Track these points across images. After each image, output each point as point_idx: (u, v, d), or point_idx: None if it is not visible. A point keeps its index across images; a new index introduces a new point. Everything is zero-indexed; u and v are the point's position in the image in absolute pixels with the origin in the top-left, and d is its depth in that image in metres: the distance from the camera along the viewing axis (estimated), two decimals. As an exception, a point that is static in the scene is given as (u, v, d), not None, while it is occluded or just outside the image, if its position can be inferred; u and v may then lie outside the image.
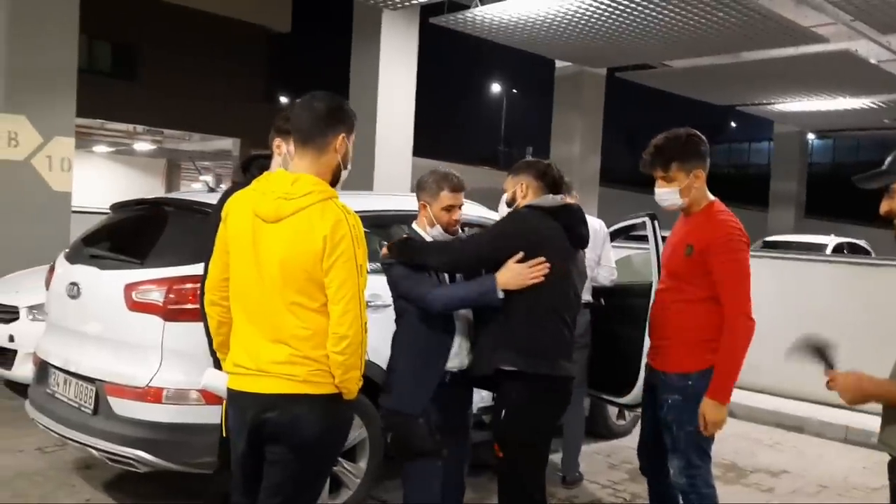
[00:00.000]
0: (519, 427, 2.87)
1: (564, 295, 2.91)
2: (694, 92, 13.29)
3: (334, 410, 2.22)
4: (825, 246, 12.42)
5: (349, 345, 2.16)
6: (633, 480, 4.54)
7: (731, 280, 2.87)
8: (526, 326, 2.83)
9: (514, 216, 2.96)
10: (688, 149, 2.95)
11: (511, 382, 2.86)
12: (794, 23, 8.43)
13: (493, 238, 2.95)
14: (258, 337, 2.19)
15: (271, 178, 2.24)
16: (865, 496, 4.51)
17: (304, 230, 2.13)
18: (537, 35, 9.55)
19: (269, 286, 2.16)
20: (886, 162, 2.17)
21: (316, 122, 2.20)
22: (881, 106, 12.48)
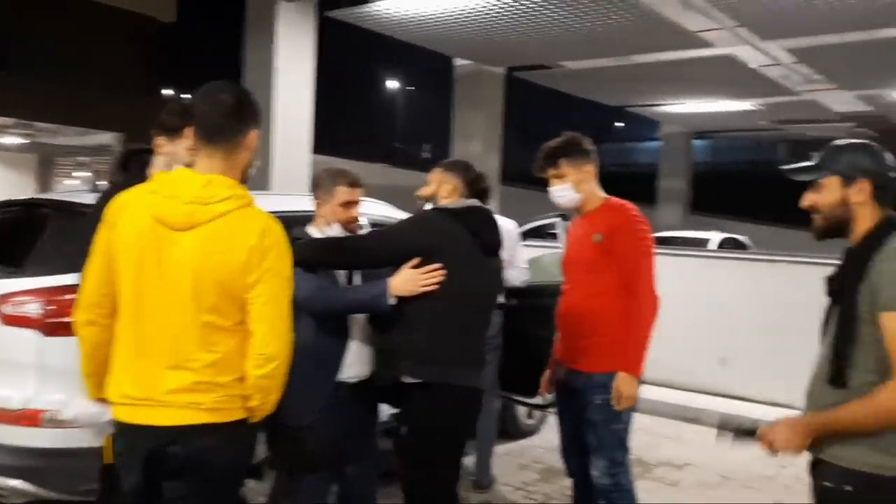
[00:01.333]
0: (422, 444, 2.71)
1: (470, 302, 2.77)
2: (587, 92, 13.62)
3: (241, 436, 2.03)
4: (709, 241, 13.05)
5: (276, 367, 1.97)
6: (545, 481, 4.54)
7: (636, 258, 3.00)
8: (427, 335, 2.68)
9: (417, 217, 2.85)
10: (573, 146, 3.12)
11: (412, 395, 2.72)
12: (682, 27, 8.73)
13: (390, 237, 2.82)
14: (153, 363, 1.93)
15: (175, 179, 1.98)
16: (763, 485, 4.69)
17: (223, 240, 1.91)
18: (436, 32, 9.48)
19: (174, 303, 1.91)
20: (818, 157, 2.19)
21: (224, 118, 1.98)
22: (760, 109, 13.20)
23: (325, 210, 2.87)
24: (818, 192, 2.17)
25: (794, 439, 2.06)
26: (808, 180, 2.21)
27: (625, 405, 2.95)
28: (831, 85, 11.04)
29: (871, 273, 2.00)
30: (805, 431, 2.06)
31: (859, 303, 2.01)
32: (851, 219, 2.12)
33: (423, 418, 2.71)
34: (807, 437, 2.04)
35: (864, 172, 2.10)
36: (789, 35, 8.70)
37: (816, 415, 2.03)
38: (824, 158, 2.18)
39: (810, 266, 5.94)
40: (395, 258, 2.71)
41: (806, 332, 3.05)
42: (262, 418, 2.07)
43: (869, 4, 7.19)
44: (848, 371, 2.04)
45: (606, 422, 3.03)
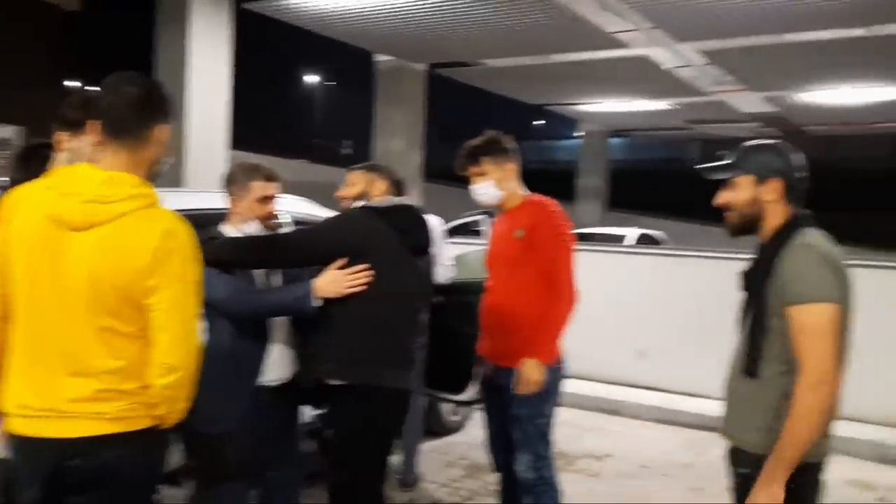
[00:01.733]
0: (350, 447, 2.66)
1: (398, 302, 2.73)
2: (508, 90, 13.77)
3: (151, 445, 1.92)
4: (625, 237, 13.42)
5: (180, 377, 1.85)
6: (470, 477, 4.55)
7: (555, 252, 3.04)
8: (351, 336, 2.63)
9: (344, 216, 2.80)
10: (494, 145, 3.15)
11: (337, 397, 2.67)
12: (599, 28, 8.92)
13: (316, 236, 2.74)
14: (51, 370, 1.81)
15: (73, 175, 1.85)
16: (679, 472, 4.84)
17: (124, 241, 1.79)
18: (356, 27, 9.37)
19: (70, 307, 1.79)
20: (732, 156, 2.26)
21: (131, 111, 1.86)
22: (673, 108, 13.63)
23: (241, 206, 2.77)
24: (732, 190, 2.25)
25: (777, 494, 2.03)
26: (723, 179, 2.28)
27: (525, 390, 2.96)
28: (740, 86, 11.51)
29: (779, 269, 2.08)
30: (778, 483, 2.03)
31: (770, 297, 2.09)
32: (763, 216, 2.20)
33: (351, 421, 2.66)
34: (781, 485, 2.02)
35: (775, 172, 2.18)
36: (701, 37, 9.01)
37: (774, 463, 2.03)
38: (738, 158, 2.25)
39: (724, 261, 6.17)
40: (321, 257, 2.64)
41: (720, 324, 3.17)
42: (171, 426, 1.97)
43: (775, 10, 7.53)
44: (760, 362, 2.12)
45: (530, 417, 3.07)
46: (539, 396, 3.06)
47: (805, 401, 2.00)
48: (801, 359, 2.02)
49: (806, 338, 2.00)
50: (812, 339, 2.00)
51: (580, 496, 4.25)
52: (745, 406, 2.17)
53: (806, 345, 2.00)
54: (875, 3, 7.15)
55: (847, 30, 8.27)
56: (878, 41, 8.49)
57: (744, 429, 2.17)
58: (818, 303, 2.00)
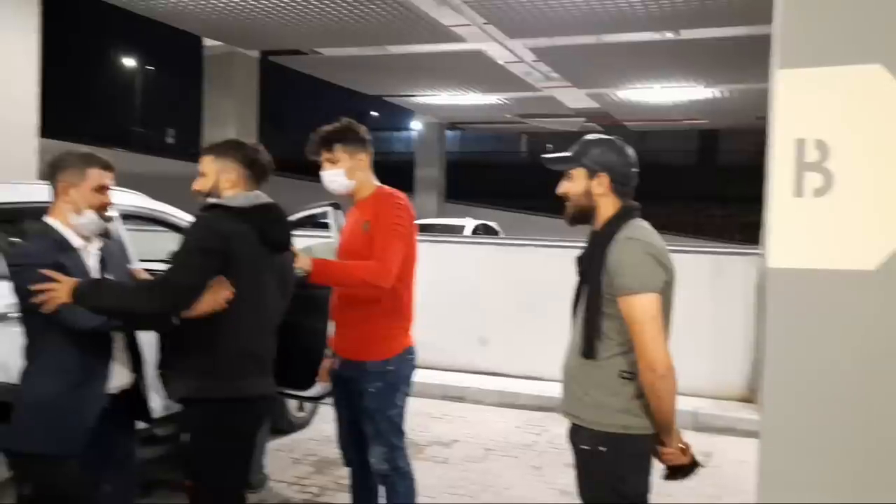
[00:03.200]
0: (211, 455, 2.55)
1: (259, 308, 2.62)
2: (344, 80, 13.64)
3: None
4: (464, 227, 13.78)
5: None
6: (319, 472, 4.50)
7: (386, 237, 2.96)
8: (212, 351, 2.51)
9: (200, 226, 2.57)
10: (349, 133, 3.10)
11: (196, 408, 2.54)
12: (435, 21, 9.06)
13: (190, 266, 2.47)
14: None
15: None
16: (520, 453, 5.05)
17: None
18: (182, 8, 8.88)
19: None
20: (572, 149, 2.37)
21: None
22: (506, 102, 14.15)
23: (75, 196, 2.53)
24: (569, 181, 2.37)
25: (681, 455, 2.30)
26: (562, 170, 2.40)
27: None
28: (566, 83, 12.15)
29: (607, 260, 2.23)
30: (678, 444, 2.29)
31: (602, 283, 2.23)
32: (595, 207, 2.34)
33: (213, 430, 2.53)
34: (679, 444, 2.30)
35: (604, 167, 2.32)
36: (532, 35, 9.41)
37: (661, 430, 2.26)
38: (576, 152, 2.38)
39: (556, 249, 6.51)
40: (208, 281, 2.46)
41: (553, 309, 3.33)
42: None
43: (597, 11, 8.01)
44: (597, 344, 2.26)
45: (381, 409, 3.06)
46: (389, 388, 3.07)
47: (652, 385, 2.17)
48: (636, 347, 2.18)
49: (636, 327, 2.17)
50: (642, 327, 2.16)
51: (431, 483, 4.32)
52: (583, 386, 2.30)
53: (637, 334, 2.17)
54: (684, 10, 7.81)
55: (659, 33, 8.99)
56: (686, 45, 9.31)
57: (581, 406, 2.31)
58: (641, 293, 2.16)
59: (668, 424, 2.23)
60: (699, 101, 13.16)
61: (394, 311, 3.08)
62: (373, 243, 2.97)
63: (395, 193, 3.12)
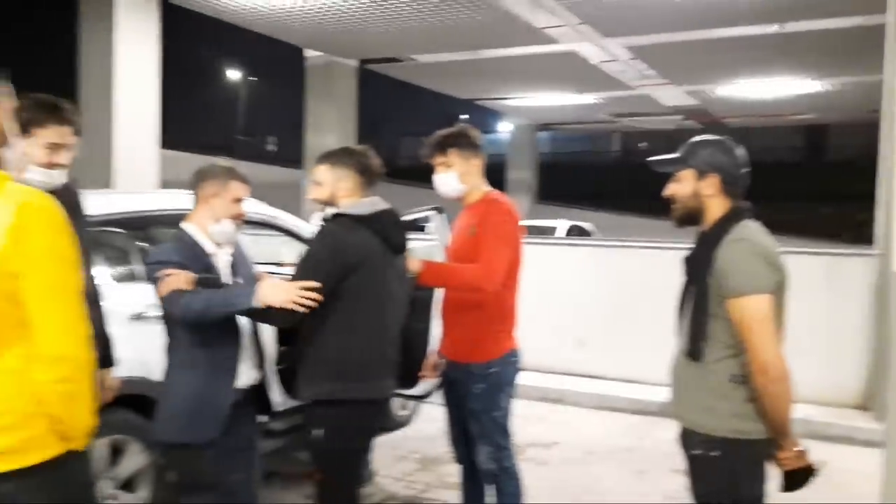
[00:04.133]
0: (335, 451, 2.68)
1: (385, 311, 2.72)
2: (437, 85, 13.83)
3: (64, 476, 1.62)
4: (556, 229, 13.71)
5: (71, 368, 1.59)
6: (424, 469, 4.61)
7: (492, 241, 2.99)
8: (339, 351, 2.62)
9: (326, 235, 2.66)
10: (463, 138, 3.15)
11: (322, 409, 2.66)
12: (529, 24, 9.07)
13: (318, 267, 2.57)
14: None
15: None
16: (624, 457, 5.01)
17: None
18: (286, 22, 9.25)
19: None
20: (680, 151, 2.37)
21: None
22: (599, 102, 13.97)
23: (216, 204, 2.69)
24: (677, 183, 2.37)
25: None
26: (669, 172, 2.40)
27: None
28: (663, 80, 11.90)
29: (717, 261, 2.20)
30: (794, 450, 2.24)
31: (710, 286, 2.22)
32: (704, 209, 2.32)
33: (338, 428, 2.65)
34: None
35: (714, 168, 2.31)
36: (627, 33, 9.28)
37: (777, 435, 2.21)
38: (684, 153, 2.37)
39: (654, 251, 6.41)
40: (329, 289, 2.55)
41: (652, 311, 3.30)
42: (84, 443, 1.68)
43: (697, 7, 7.83)
44: (704, 346, 2.25)
45: (486, 410, 3.13)
46: (493, 389, 3.13)
47: (765, 389, 2.14)
48: (748, 350, 2.15)
49: (747, 329, 2.14)
50: (753, 329, 2.13)
51: (532, 484, 4.34)
52: (691, 388, 2.29)
53: (748, 336, 2.14)
54: (789, 2, 7.53)
55: (763, 26, 8.68)
56: (790, 37, 8.95)
57: (691, 410, 2.29)
58: (753, 295, 2.14)
59: (783, 429, 2.19)
60: (806, 95, 12.59)
61: (498, 315, 3.14)
62: (479, 247, 3.03)
63: (503, 199, 3.18)
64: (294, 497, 4.10)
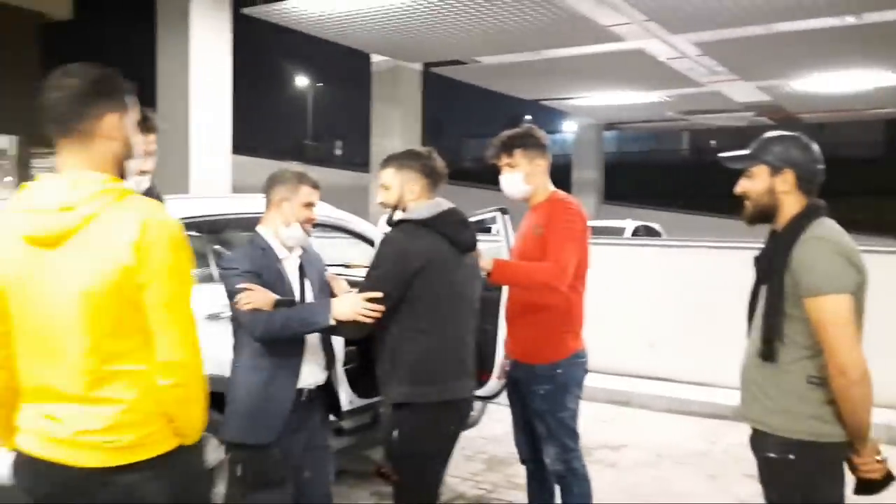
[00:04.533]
0: (410, 451, 2.68)
1: (458, 312, 2.72)
2: (501, 87, 13.83)
3: (178, 469, 1.75)
4: (624, 229, 13.51)
5: (188, 375, 1.71)
6: (491, 470, 4.63)
7: (560, 240, 3.00)
8: (413, 354, 2.62)
9: (393, 242, 2.67)
10: (529, 138, 3.14)
11: (402, 412, 2.66)
12: (594, 22, 8.99)
13: (384, 282, 2.60)
14: (60, 397, 1.67)
15: (38, 186, 1.69)
16: (697, 461, 4.91)
17: (103, 243, 1.62)
18: (352, 29, 9.42)
19: (68, 329, 1.64)
20: (752, 147, 2.33)
21: (71, 104, 1.67)
22: (667, 100, 13.71)
23: (287, 209, 2.76)
24: (749, 180, 2.32)
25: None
26: (741, 168, 2.35)
27: None
28: (733, 76, 11.60)
29: (794, 259, 2.14)
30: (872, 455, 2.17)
31: (786, 284, 2.16)
32: (778, 206, 2.27)
33: (424, 432, 2.66)
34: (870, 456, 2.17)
35: (790, 163, 2.25)
36: (695, 29, 9.09)
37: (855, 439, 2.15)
38: (757, 148, 2.32)
39: (727, 250, 6.26)
40: (398, 297, 2.60)
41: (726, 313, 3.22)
42: (197, 436, 1.81)
43: (766, 1, 7.61)
44: (779, 347, 2.19)
45: (551, 411, 3.12)
46: (559, 390, 3.12)
47: (845, 391, 2.08)
48: (826, 351, 2.10)
49: (826, 329, 2.08)
50: (832, 329, 2.07)
51: (601, 486, 4.30)
52: (765, 390, 2.23)
53: (827, 337, 2.08)
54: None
55: (838, 18, 8.38)
56: (867, 29, 8.60)
57: (765, 413, 2.24)
58: (832, 294, 2.07)
59: (862, 433, 2.13)
60: (886, 88, 12.08)
61: (564, 315, 3.13)
62: (545, 247, 3.03)
63: (569, 199, 3.17)
64: (363, 495, 4.18)
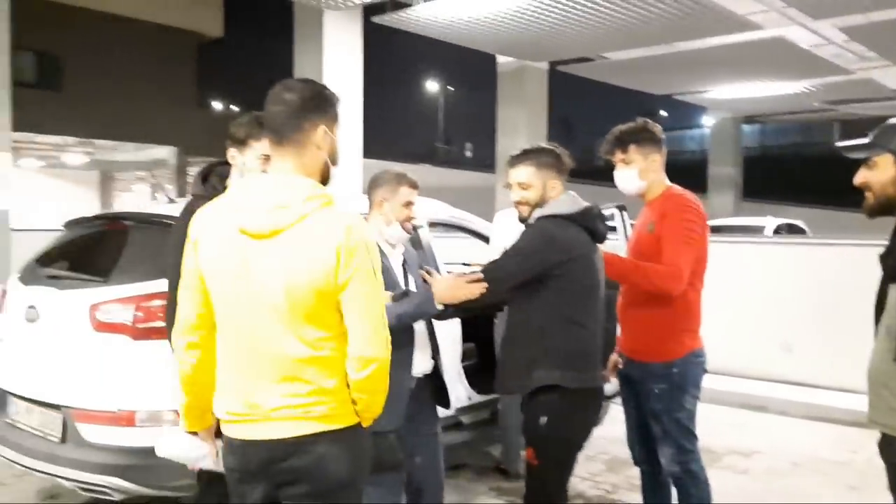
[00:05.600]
0: (556, 436, 2.74)
1: (597, 303, 2.79)
2: (632, 82, 13.50)
3: (357, 443, 1.98)
4: (764, 228, 12.81)
5: (378, 368, 1.92)
6: (611, 471, 4.58)
7: (675, 243, 2.93)
8: (562, 341, 2.69)
9: (540, 233, 2.73)
10: (644, 133, 3.08)
11: (549, 395, 2.71)
12: (728, 11, 8.62)
13: (525, 264, 2.70)
14: (258, 377, 1.89)
15: (251, 186, 1.94)
16: (834, 471, 4.64)
17: (311, 242, 1.84)
18: (478, 31, 9.55)
19: (270, 315, 1.86)
20: (871, 135, 2.20)
21: (288, 116, 1.92)
22: (811, 90, 12.91)
23: (388, 208, 2.90)
24: (871, 169, 2.18)
25: None
26: (863, 158, 2.22)
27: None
28: (885, 62, 10.76)
29: None
30: None
31: None
32: None
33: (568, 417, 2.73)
34: None
35: None
36: (839, 13, 8.53)
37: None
38: (878, 136, 2.19)
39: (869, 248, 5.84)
40: (526, 279, 2.69)
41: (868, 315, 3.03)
42: (371, 421, 2.02)
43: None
44: None
45: (668, 411, 3.04)
46: (675, 390, 3.05)
47: None
48: None
49: None
50: None
51: (731, 493, 4.18)
52: (893, 392, 2.11)
53: None
54: None
55: None
56: None
57: (894, 416, 2.11)
58: None
59: None
60: None
61: (681, 313, 3.05)
62: (658, 244, 2.97)
63: (685, 195, 3.09)
64: (482, 489, 4.26)
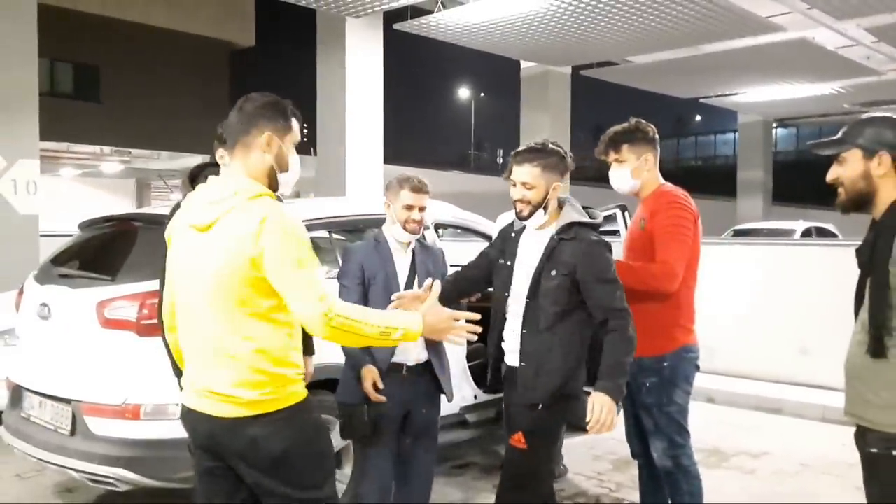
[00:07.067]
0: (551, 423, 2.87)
1: None
2: (657, 86, 13.47)
3: (293, 421, 2.05)
4: (794, 231, 12.66)
5: (324, 324, 1.92)
6: (618, 470, 4.59)
7: (664, 239, 2.96)
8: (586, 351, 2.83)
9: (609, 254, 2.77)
10: (636, 134, 3.13)
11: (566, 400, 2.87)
12: (751, 13, 8.57)
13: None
14: (202, 361, 2.05)
15: (206, 185, 2.12)
16: (844, 472, 4.58)
17: (231, 232, 1.96)
18: (501, 37, 9.62)
19: (206, 302, 2.00)
20: (841, 131, 2.22)
21: (240, 122, 2.07)
22: (841, 91, 12.72)
23: (392, 210, 3.11)
24: (841, 165, 2.20)
25: None
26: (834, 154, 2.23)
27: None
28: (917, 62, 10.60)
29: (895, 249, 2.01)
30: None
31: (891, 275, 2.03)
32: (874, 191, 2.14)
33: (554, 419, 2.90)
34: None
35: (884, 145, 2.12)
36: (866, 13, 8.42)
37: None
38: (847, 132, 2.21)
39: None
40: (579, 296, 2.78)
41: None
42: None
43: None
44: (887, 341, 2.06)
45: (659, 405, 3.07)
46: (666, 384, 3.07)
47: None
48: None
49: None
50: None
51: (734, 492, 4.17)
52: (871, 386, 2.12)
53: None
54: None
55: None
56: None
57: (870, 408, 2.13)
58: None
59: None
60: None
61: (672, 309, 3.06)
62: (650, 241, 3.01)
63: (675, 191, 3.12)
64: (486, 486, 4.30)
